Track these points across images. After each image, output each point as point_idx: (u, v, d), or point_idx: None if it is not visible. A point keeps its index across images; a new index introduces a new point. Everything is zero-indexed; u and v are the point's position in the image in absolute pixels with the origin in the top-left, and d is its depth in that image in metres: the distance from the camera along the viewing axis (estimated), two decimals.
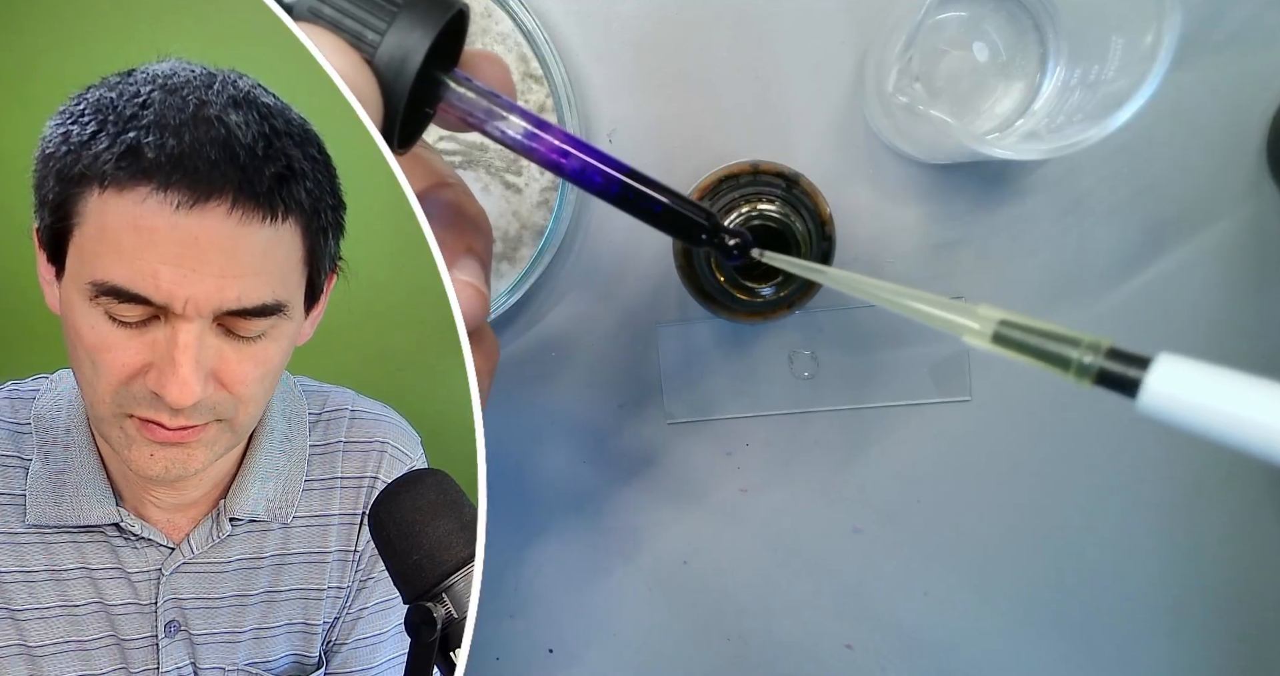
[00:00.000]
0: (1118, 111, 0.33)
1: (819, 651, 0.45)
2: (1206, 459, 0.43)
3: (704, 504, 0.44)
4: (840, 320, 0.43)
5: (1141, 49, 0.34)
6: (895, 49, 0.36)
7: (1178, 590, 0.43)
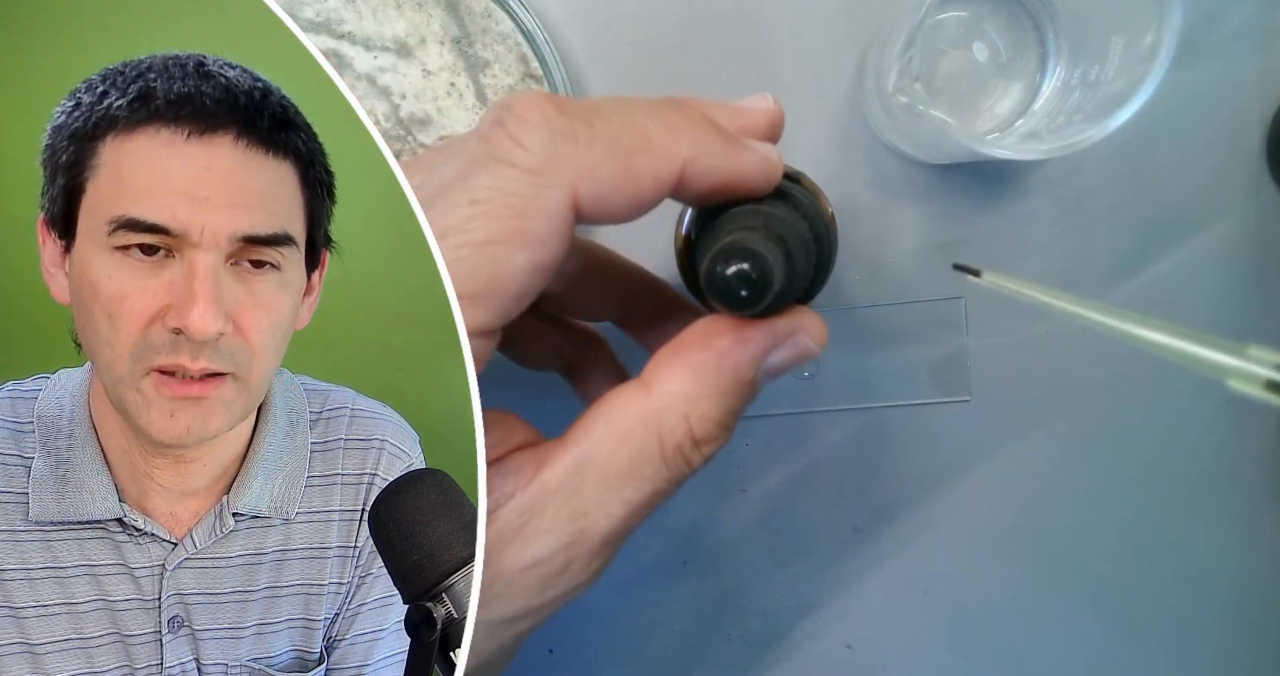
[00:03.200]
0: (1118, 111, 0.33)
1: (819, 651, 0.45)
2: (1207, 459, 0.43)
3: (704, 504, 0.44)
4: (840, 320, 0.43)
5: (1141, 49, 0.34)
6: (895, 49, 0.36)
7: (1178, 590, 0.43)
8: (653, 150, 0.25)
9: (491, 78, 0.42)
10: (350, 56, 0.41)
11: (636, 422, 0.27)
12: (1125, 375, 0.43)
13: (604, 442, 0.27)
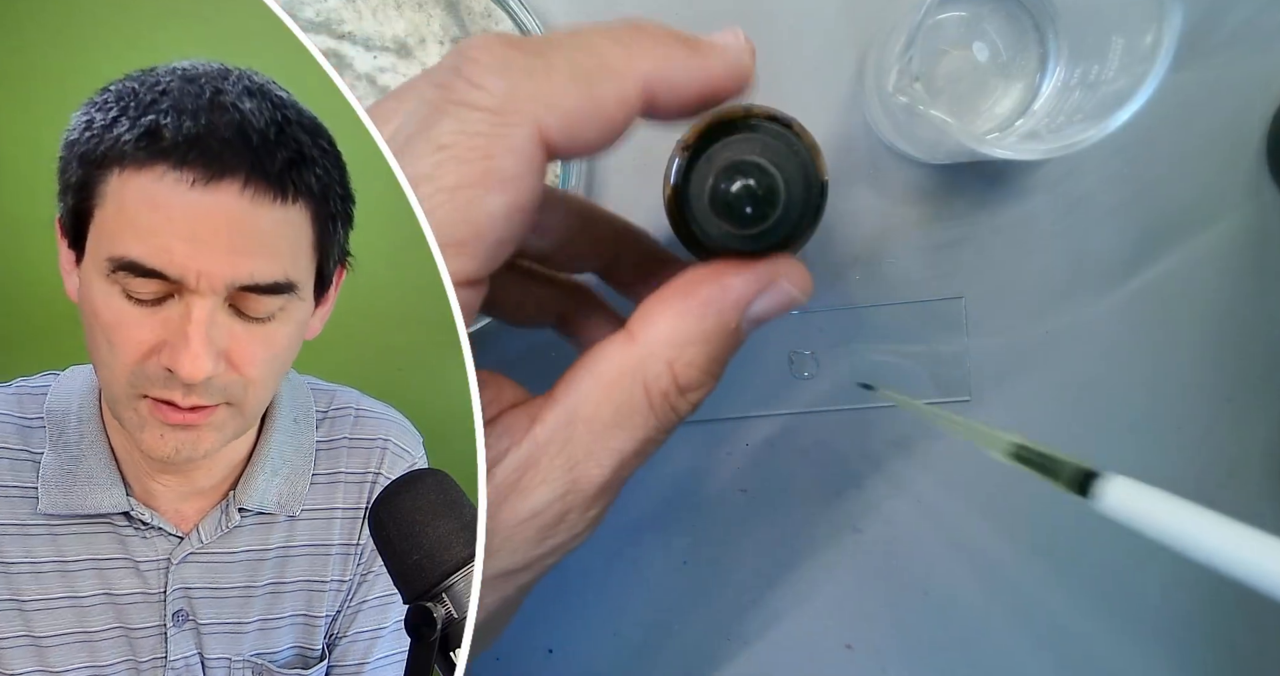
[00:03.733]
0: (1118, 111, 0.33)
1: (819, 651, 0.45)
2: (1206, 459, 0.43)
3: (704, 504, 0.44)
4: (840, 320, 0.43)
5: (1141, 49, 0.34)
6: (895, 49, 0.36)
7: (1178, 590, 0.43)
8: (613, 71, 0.25)
9: None
10: (350, 56, 0.41)
11: (621, 372, 0.27)
12: (1125, 375, 0.43)
13: (591, 394, 0.27)
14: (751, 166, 0.26)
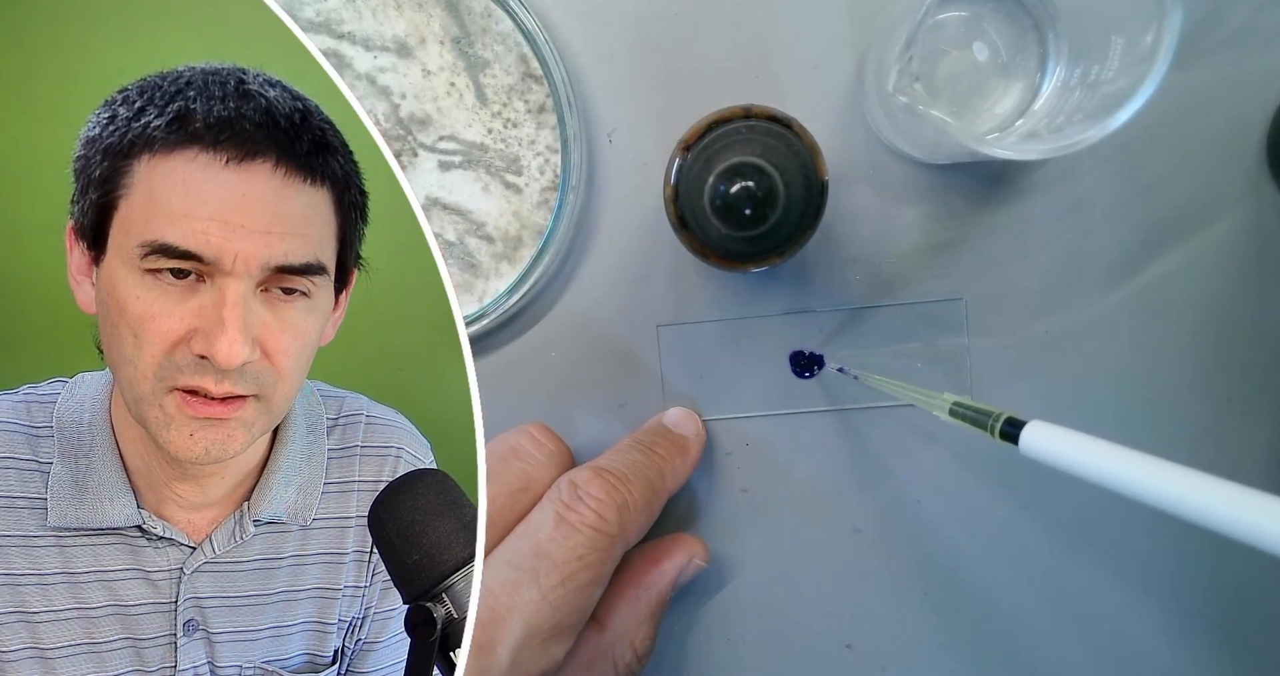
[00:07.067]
0: (1118, 111, 0.33)
1: (819, 651, 0.45)
2: (1206, 459, 0.43)
3: (704, 504, 0.44)
4: (840, 320, 0.43)
5: (1141, 49, 0.34)
6: (895, 49, 0.36)
7: (1179, 589, 0.43)
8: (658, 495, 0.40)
9: (491, 77, 0.42)
10: (350, 56, 0.41)
11: (596, 655, 0.37)
12: (1125, 375, 0.43)
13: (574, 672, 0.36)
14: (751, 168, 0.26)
